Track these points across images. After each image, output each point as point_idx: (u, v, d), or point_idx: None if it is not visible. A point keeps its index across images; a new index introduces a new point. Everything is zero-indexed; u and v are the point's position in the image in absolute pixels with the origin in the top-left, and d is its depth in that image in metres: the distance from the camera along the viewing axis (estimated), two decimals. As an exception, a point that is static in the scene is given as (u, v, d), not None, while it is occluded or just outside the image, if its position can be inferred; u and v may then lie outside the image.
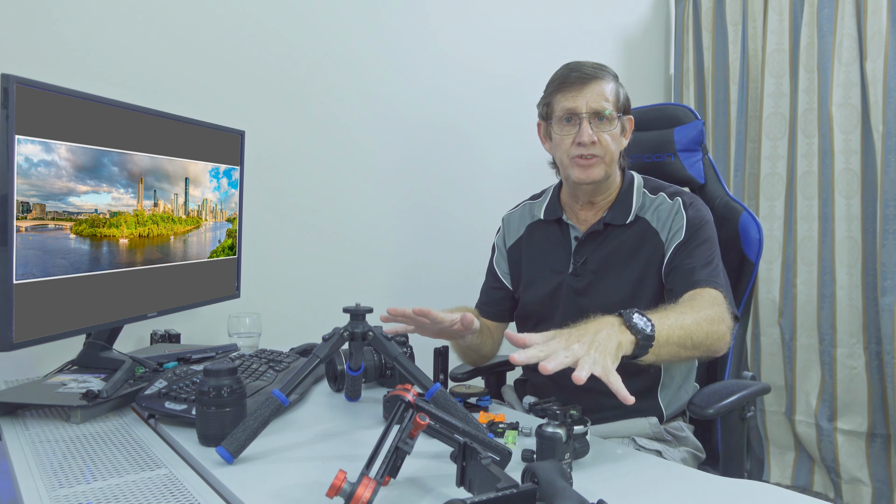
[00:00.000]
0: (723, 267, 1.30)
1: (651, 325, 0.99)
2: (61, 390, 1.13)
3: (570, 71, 1.32)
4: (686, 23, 2.78)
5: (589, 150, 1.29)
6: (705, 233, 1.29)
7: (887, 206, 2.25)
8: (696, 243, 1.27)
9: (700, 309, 1.12)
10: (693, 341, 1.07)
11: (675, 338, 1.03)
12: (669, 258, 1.28)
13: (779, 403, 2.56)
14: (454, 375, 1.52)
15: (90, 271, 1.15)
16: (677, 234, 1.29)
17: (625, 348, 0.96)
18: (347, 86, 1.99)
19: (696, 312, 1.10)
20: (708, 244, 1.28)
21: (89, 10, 1.53)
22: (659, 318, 1.02)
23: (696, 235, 1.28)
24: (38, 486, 0.82)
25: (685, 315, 1.08)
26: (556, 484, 0.65)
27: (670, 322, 1.03)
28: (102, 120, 1.16)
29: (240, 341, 1.55)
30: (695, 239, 1.28)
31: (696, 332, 1.07)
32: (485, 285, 1.54)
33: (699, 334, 1.07)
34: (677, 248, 1.27)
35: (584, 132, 1.28)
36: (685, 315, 1.08)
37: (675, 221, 1.30)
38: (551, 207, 1.44)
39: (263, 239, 1.81)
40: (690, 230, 1.28)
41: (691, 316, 1.08)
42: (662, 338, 1.00)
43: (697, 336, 1.07)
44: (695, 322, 1.07)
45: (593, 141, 1.28)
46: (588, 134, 1.28)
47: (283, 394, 0.94)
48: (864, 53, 2.29)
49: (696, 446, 1.34)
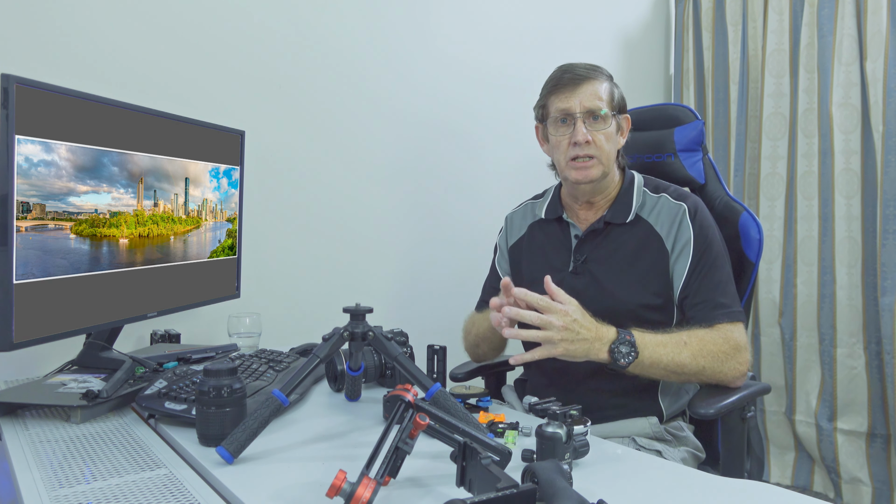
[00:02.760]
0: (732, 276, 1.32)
1: (632, 357, 1.13)
2: (61, 390, 1.13)
3: (564, 72, 1.33)
4: (686, 23, 2.78)
5: (584, 150, 1.30)
6: (714, 248, 1.30)
7: (887, 206, 2.25)
8: (708, 264, 1.28)
9: (708, 343, 1.20)
10: (684, 371, 1.18)
11: (662, 366, 1.16)
12: (683, 284, 1.29)
13: (779, 403, 2.56)
14: (454, 375, 1.52)
15: (90, 271, 1.15)
16: (685, 249, 1.29)
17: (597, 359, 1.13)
18: (347, 86, 1.99)
19: (700, 348, 1.19)
20: (718, 262, 1.30)
21: (89, 10, 1.53)
22: (654, 347, 1.16)
23: (707, 254, 1.29)
24: (38, 486, 0.82)
25: (686, 349, 1.18)
26: (556, 484, 0.65)
27: (663, 352, 1.16)
28: (102, 120, 1.16)
29: (240, 341, 1.55)
30: (706, 258, 1.29)
31: (690, 365, 1.18)
32: (486, 285, 1.55)
33: (692, 368, 1.18)
34: (690, 272, 1.28)
35: (578, 132, 1.29)
36: (686, 349, 1.18)
37: (680, 232, 1.30)
38: (552, 206, 1.45)
39: (263, 239, 1.81)
40: (699, 248, 1.29)
41: (692, 350, 1.18)
42: (646, 363, 1.15)
43: (690, 368, 1.18)
44: (691, 357, 1.18)
45: (588, 140, 1.29)
46: (583, 133, 1.29)
47: (283, 394, 0.94)
48: (864, 53, 2.29)
49: (697, 446, 1.34)
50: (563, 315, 1.10)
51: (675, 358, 1.16)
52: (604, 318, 1.32)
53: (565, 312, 1.10)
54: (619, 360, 1.12)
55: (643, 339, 1.15)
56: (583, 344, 1.11)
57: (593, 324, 1.13)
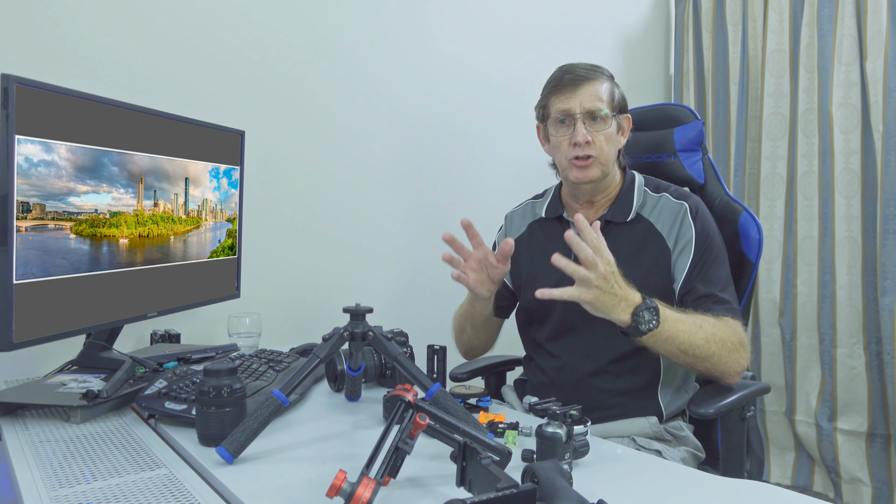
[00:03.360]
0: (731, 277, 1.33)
1: (654, 324, 1.11)
2: (61, 390, 1.13)
3: (564, 73, 1.34)
4: (686, 23, 2.78)
5: (584, 150, 1.30)
6: (715, 247, 1.31)
7: (887, 206, 2.25)
8: (709, 262, 1.29)
9: (721, 331, 1.20)
10: (695, 352, 1.17)
11: (677, 343, 1.15)
12: (685, 280, 1.29)
13: (779, 403, 2.56)
14: (454, 375, 1.52)
15: (90, 271, 1.15)
16: (686, 247, 1.30)
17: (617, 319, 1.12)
18: (347, 85, 1.99)
19: (714, 333, 1.19)
20: (719, 261, 1.31)
21: (89, 10, 1.53)
22: (674, 321, 1.15)
23: (709, 252, 1.30)
24: (38, 487, 0.82)
25: (701, 331, 1.18)
26: (556, 484, 0.65)
27: (681, 327, 1.15)
28: (102, 120, 1.16)
29: (240, 341, 1.55)
30: (707, 256, 1.29)
31: (702, 348, 1.17)
32: None
33: (704, 350, 1.17)
34: (691, 269, 1.29)
35: (578, 132, 1.29)
36: (701, 331, 1.18)
37: (682, 231, 1.31)
38: (552, 206, 1.45)
39: (263, 239, 1.81)
40: (701, 245, 1.30)
41: (707, 333, 1.18)
42: (663, 336, 1.14)
43: (702, 351, 1.17)
44: (705, 340, 1.18)
45: (588, 141, 1.29)
46: (582, 134, 1.29)
47: (283, 394, 0.94)
48: (864, 53, 2.29)
49: (696, 446, 1.34)
50: (608, 264, 1.10)
51: (690, 337, 1.16)
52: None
53: (609, 262, 1.10)
54: (640, 325, 1.11)
55: (665, 312, 1.15)
56: (611, 298, 1.10)
57: (625, 284, 1.13)
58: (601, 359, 1.30)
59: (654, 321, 1.12)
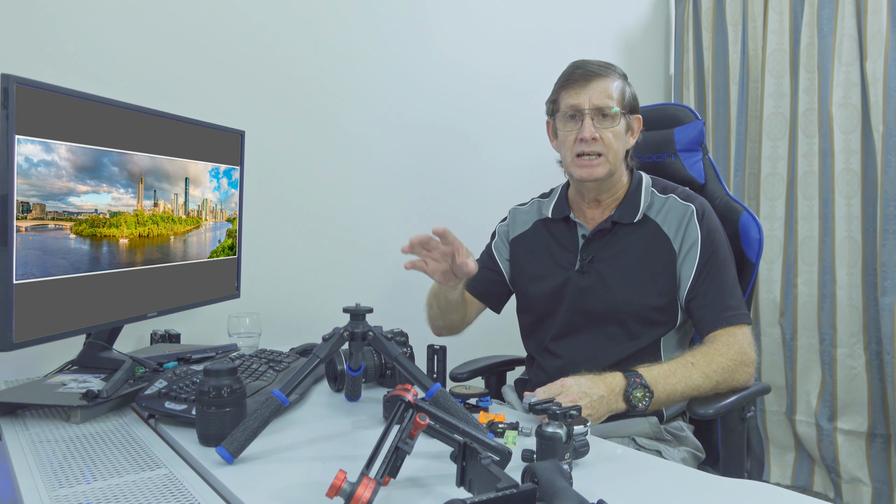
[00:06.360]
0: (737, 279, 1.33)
1: (648, 399, 1.13)
2: (61, 390, 1.13)
3: (576, 68, 1.33)
4: (686, 23, 2.77)
5: (590, 146, 1.29)
6: (721, 251, 1.30)
7: (887, 206, 2.25)
8: (715, 266, 1.29)
9: (715, 357, 1.21)
10: (700, 392, 1.19)
11: (678, 394, 1.17)
12: (691, 286, 1.29)
13: (779, 403, 2.56)
14: (454, 375, 1.52)
15: (90, 271, 1.15)
16: (692, 250, 1.29)
17: (617, 411, 1.13)
18: (348, 86, 1.99)
19: (709, 364, 1.20)
20: (725, 264, 1.30)
21: (89, 10, 1.53)
22: (664, 379, 1.15)
23: (714, 256, 1.29)
24: (38, 486, 0.82)
25: (695, 370, 1.18)
26: (556, 484, 0.65)
27: (675, 381, 1.16)
28: (102, 120, 1.16)
29: (240, 341, 1.55)
30: (713, 260, 1.29)
31: (704, 384, 1.19)
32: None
33: (707, 386, 1.19)
34: (697, 274, 1.28)
35: (585, 128, 1.29)
36: (695, 370, 1.18)
37: (688, 233, 1.30)
38: (559, 206, 1.45)
39: (263, 239, 1.81)
40: (706, 249, 1.29)
41: (702, 369, 1.19)
42: (662, 398, 1.15)
43: (705, 387, 1.19)
44: (704, 376, 1.18)
45: (594, 137, 1.29)
46: (590, 130, 1.28)
47: (283, 394, 0.94)
48: (864, 53, 2.29)
49: (696, 446, 1.34)
50: (564, 387, 1.09)
51: (688, 383, 1.17)
52: (608, 318, 1.32)
53: (564, 385, 1.09)
54: (637, 405, 1.12)
55: (652, 376, 1.15)
56: (599, 402, 1.09)
57: (598, 378, 1.12)
58: (604, 360, 1.30)
59: (647, 396, 1.13)
